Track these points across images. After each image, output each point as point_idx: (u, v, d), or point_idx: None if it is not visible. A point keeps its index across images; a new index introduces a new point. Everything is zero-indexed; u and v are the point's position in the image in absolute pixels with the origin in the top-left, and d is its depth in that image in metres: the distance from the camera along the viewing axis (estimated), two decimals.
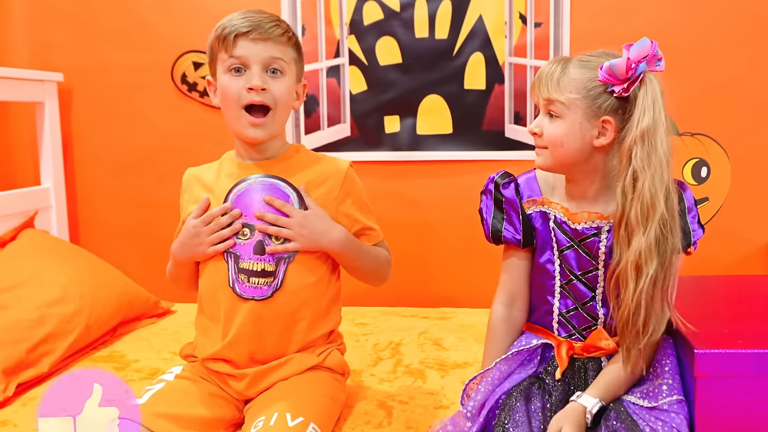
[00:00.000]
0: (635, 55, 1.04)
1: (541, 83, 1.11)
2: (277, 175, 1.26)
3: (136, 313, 1.92)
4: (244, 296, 1.23)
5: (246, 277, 1.23)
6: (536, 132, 1.13)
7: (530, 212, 1.20)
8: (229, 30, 1.19)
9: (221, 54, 1.22)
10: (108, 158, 2.29)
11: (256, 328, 1.24)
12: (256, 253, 1.23)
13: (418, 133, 2.13)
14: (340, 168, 1.31)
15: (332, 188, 1.29)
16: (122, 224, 2.30)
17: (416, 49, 2.09)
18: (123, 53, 2.22)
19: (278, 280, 1.24)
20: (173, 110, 2.22)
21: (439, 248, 2.17)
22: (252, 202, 1.24)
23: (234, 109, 1.22)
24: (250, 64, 1.20)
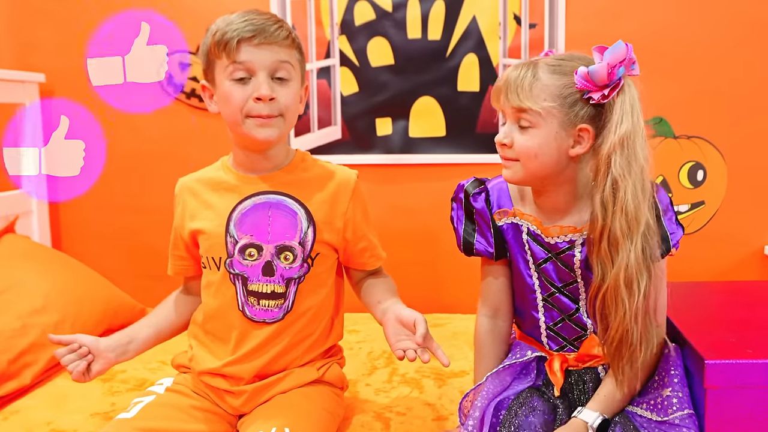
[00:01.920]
0: (612, 59, 0.99)
1: (509, 90, 1.04)
2: (284, 191, 1.23)
3: (122, 321, 1.89)
4: (256, 319, 1.23)
5: (256, 299, 1.22)
6: (506, 143, 1.07)
7: (501, 224, 1.17)
8: (230, 35, 1.13)
9: (221, 60, 1.16)
10: None
11: (266, 349, 1.24)
12: (265, 274, 1.21)
13: (410, 136, 2.13)
14: (349, 181, 1.28)
15: (340, 202, 1.26)
16: (106, 229, 2.27)
17: (409, 50, 2.09)
18: None
19: (289, 301, 1.23)
20: (159, 112, 2.20)
21: (431, 253, 2.18)
22: (258, 222, 1.21)
23: (238, 116, 1.17)
24: (255, 71, 1.15)
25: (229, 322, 1.24)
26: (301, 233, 1.22)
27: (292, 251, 1.21)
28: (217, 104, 1.21)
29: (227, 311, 1.24)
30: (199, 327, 1.30)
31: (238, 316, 1.23)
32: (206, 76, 1.22)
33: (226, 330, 1.25)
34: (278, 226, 1.21)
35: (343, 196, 1.26)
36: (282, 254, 1.21)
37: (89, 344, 1.20)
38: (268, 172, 1.25)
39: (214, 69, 1.18)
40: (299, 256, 1.22)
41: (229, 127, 1.21)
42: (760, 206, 2.09)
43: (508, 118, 1.07)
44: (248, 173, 1.25)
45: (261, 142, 1.18)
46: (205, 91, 1.24)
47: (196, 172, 1.33)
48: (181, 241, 1.30)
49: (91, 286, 1.87)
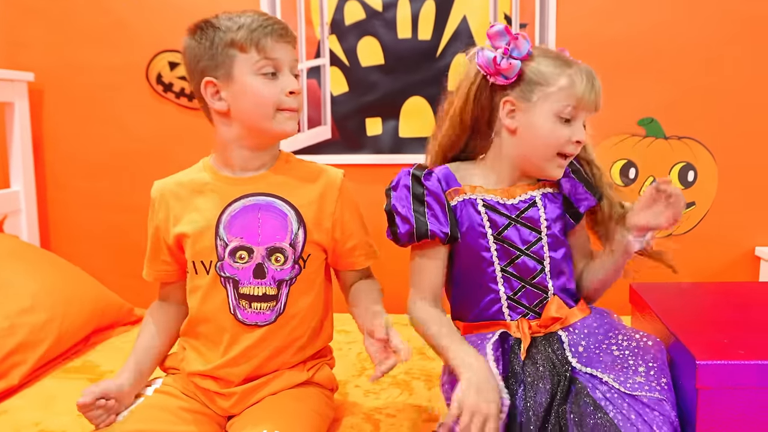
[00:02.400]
0: None
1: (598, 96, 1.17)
2: (273, 193, 1.25)
3: (110, 321, 1.93)
4: (248, 323, 1.24)
5: (247, 302, 1.23)
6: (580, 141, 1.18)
7: (455, 203, 1.21)
8: (262, 31, 1.18)
9: (247, 54, 1.18)
10: (80, 160, 2.29)
11: (256, 352, 1.25)
12: (256, 276, 1.23)
13: (400, 136, 2.16)
14: (336, 180, 1.30)
15: (328, 202, 1.28)
16: (95, 229, 2.30)
17: (399, 50, 2.12)
18: (96, 52, 2.23)
19: (281, 303, 1.24)
20: (148, 111, 2.23)
21: None
22: (248, 224, 1.23)
23: (269, 109, 1.20)
24: (282, 67, 1.20)
25: (220, 326, 1.25)
26: (292, 234, 1.23)
27: (283, 253, 1.23)
28: (232, 100, 1.20)
29: (218, 315, 1.24)
30: (188, 330, 1.31)
31: (230, 320, 1.24)
32: (213, 73, 1.20)
33: (217, 333, 1.25)
34: (268, 227, 1.22)
35: (330, 196, 1.28)
36: (273, 256, 1.22)
37: (115, 394, 1.19)
38: (255, 172, 1.26)
39: (232, 65, 1.19)
40: (290, 257, 1.23)
41: (249, 122, 1.21)
42: (751, 207, 2.12)
43: (582, 119, 1.18)
44: (235, 174, 1.26)
45: (289, 133, 1.24)
46: (209, 87, 1.21)
47: (174, 175, 1.33)
48: (164, 245, 1.30)
49: (79, 285, 1.88)
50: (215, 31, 1.19)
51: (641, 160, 2.11)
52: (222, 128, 1.24)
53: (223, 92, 1.20)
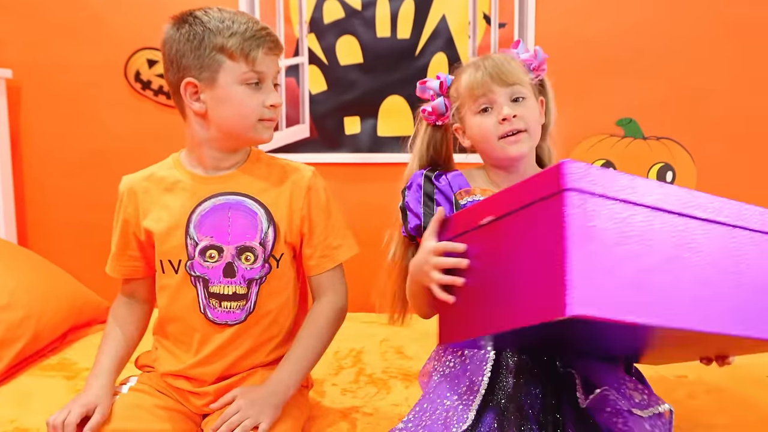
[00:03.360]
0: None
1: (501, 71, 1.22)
2: (243, 192, 1.28)
3: (87, 319, 1.99)
4: (218, 322, 1.27)
5: (217, 301, 1.27)
6: (516, 114, 1.22)
7: (464, 202, 1.26)
8: (254, 43, 1.20)
9: (235, 64, 1.20)
10: (58, 158, 2.34)
11: (228, 351, 1.28)
12: (226, 275, 1.26)
13: (378, 135, 2.21)
14: (304, 178, 1.33)
15: (296, 200, 1.31)
16: (73, 226, 2.35)
17: (378, 49, 2.17)
18: (75, 49, 2.27)
19: (251, 302, 1.28)
20: (126, 109, 2.28)
21: None
22: (218, 223, 1.26)
23: (250, 120, 1.23)
24: (266, 79, 1.24)
25: (190, 325, 1.29)
26: (262, 233, 1.27)
27: (253, 252, 1.26)
28: (211, 103, 1.22)
29: (188, 314, 1.28)
30: (158, 329, 1.35)
31: (200, 319, 1.28)
32: (197, 74, 1.21)
33: (187, 333, 1.30)
34: (238, 226, 1.26)
35: (298, 192, 1.31)
36: (243, 255, 1.26)
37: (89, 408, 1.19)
38: (226, 171, 1.30)
39: (218, 70, 1.20)
40: (260, 256, 1.27)
41: (228, 128, 1.24)
42: None
43: (499, 98, 1.23)
44: (207, 172, 1.30)
45: (265, 141, 1.28)
46: (188, 88, 1.22)
47: (143, 170, 1.35)
48: (134, 240, 1.33)
49: (56, 283, 1.95)
50: (205, 31, 1.19)
51: (620, 161, 2.17)
52: (196, 128, 1.26)
53: (203, 94, 1.22)
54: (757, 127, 2.13)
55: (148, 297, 1.39)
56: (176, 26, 1.22)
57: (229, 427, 1.15)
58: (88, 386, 1.24)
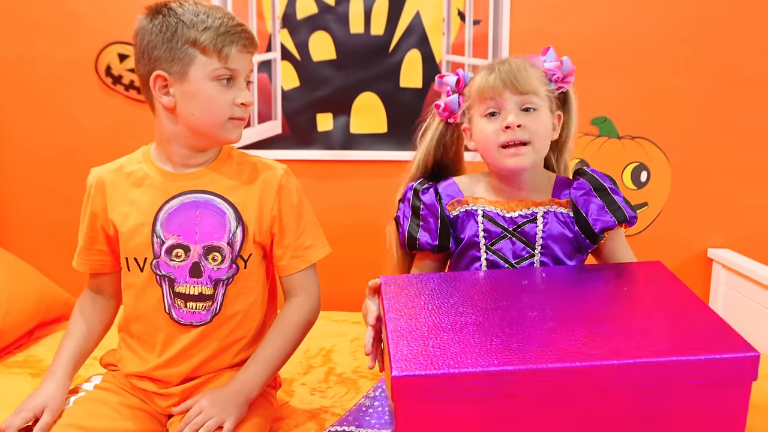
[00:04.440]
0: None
1: (516, 77, 1.20)
2: (212, 190, 1.29)
3: (55, 315, 2.02)
4: (183, 322, 1.28)
5: (183, 301, 1.28)
6: (520, 124, 1.21)
7: (456, 213, 1.30)
8: (228, 38, 1.21)
9: (207, 59, 1.20)
10: (30, 154, 2.37)
11: (193, 352, 1.30)
12: (193, 275, 1.27)
13: (351, 132, 2.24)
14: (274, 176, 1.33)
15: (266, 199, 1.31)
16: (44, 223, 2.38)
17: (351, 45, 2.20)
18: (46, 44, 2.30)
19: (217, 303, 1.29)
20: (98, 104, 2.31)
21: (372, 250, 2.25)
22: (185, 222, 1.27)
23: (220, 118, 1.24)
24: (238, 76, 1.24)
25: (154, 325, 1.30)
26: (230, 233, 1.27)
27: (221, 252, 1.27)
28: (181, 98, 1.22)
29: (153, 314, 1.29)
30: (123, 328, 1.36)
31: (165, 319, 1.29)
32: (167, 67, 1.21)
33: (151, 333, 1.30)
34: (206, 225, 1.27)
35: (268, 191, 1.31)
36: (210, 255, 1.27)
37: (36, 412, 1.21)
38: (196, 168, 1.30)
39: (189, 64, 1.20)
40: (227, 256, 1.27)
41: (196, 125, 1.24)
42: (704, 208, 2.22)
43: (508, 105, 1.22)
44: (176, 169, 1.30)
45: (233, 141, 1.29)
46: (158, 81, 1.23)
47: (113, 162, 1.35)
48: (101, 234, 1.34)
49: (24, 279, 1.98)
50: (178, 23, 1.20)
51: (594, 160, 2.20)
52: (165, 122, 1.26)
53: (172, 88, 1.22)
54: (732, 126, 2.18)
55: (115, 293, 1.39)
56: (149, 17, 1.23)
57: (192, 428, 1.17)
58: (41, 385, 1.26)
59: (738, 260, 2.10)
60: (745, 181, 2.20)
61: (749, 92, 2.15)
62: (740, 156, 2.19)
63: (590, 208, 1.26)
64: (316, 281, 1.40)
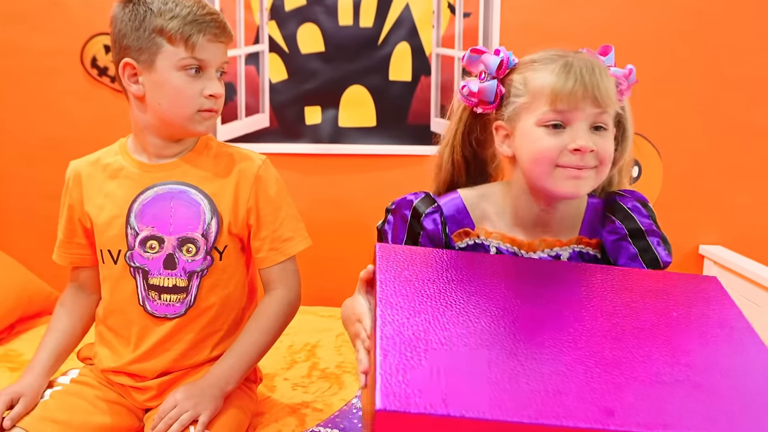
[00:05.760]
0: None
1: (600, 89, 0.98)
2: (187, 181, 1.28)
3: (37, 310, 2.01)
4: (156, 315, 1.28)
5: (157, 294, 1.28)
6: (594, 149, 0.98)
7: (463, 245, 1.09)
8: (194, 27, 1.19)
9: (174, 48, 1.20)
10: (16, 145, 2.37)
11: (168, 345, 1.29)
12: (167, 267, 1.27)
13: (340, 125, 2.24)
14: (251, 166, 1.32)
15: (243, 190, 1.30)
16: (29, 215, 2.37)
17: (340, 38, 2.19)
18: (31, 34, 2.29)
19: (191, 296, 1.28)
20: (83, 96, 2.30)
21: (359, 246, 2.26)
22: (160, 213, 1.26)
23: (187, 110, 1.22)
24: (207, 67, 1.22)
25: (128, 318, 1.29)
26: (204, 224, 1.27)
27: (195, 243, 1.26)
28: (149, 87, 1.22)
29: (126, 306, 1.29)
30: (101, 321, 1.35)
31: (138, 312, 1.28)
32: (136, 55, 1.21)
33: (125, 326, 1.30)
34: (180, 217, 1.26)
35: (244, 183, 1.30)
36: (184, 246, 1.26)
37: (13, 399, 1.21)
38: (171, 159, 1.29)
39: (157, 53, 1.20)
40: (202, 248, 1.27)
41: (164, 116, 1.23)
42: (696, 205, 2.22)
43: (581, 120, 0.99)
44: (151, 160, 1.29)
45: (202, 134, 1.28)
46: (126, 69, 1.23)
47: (90, 155, 1.36)
48: (79, 227, 1.34)
49: (4, 272, 1.98)
50: (147, 12, 1.19)
51: None
52: (136, 112, 1.27)
53: (141, 77, 1.23)
54: (725, 123, 2.18)
55: (97, 288, 1.38)
56: (122, 5, 1.23)
57: (167, 422, 1.17)
58: (21, 378, 1.27)
59: (729, 257, 2.10)
60: (737, 178, 2.20)
61: (743, 89, 2.15)
62: (733, 153, 2.19)
63: (621, 254, 1.06)
64: (295, 274, 1.38)
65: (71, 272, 1.41)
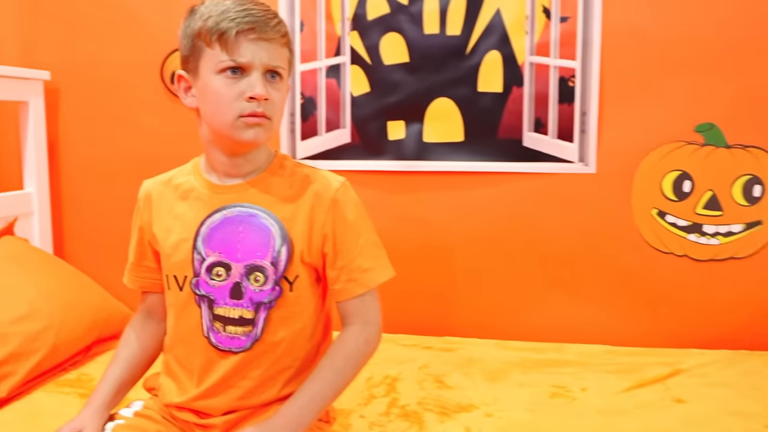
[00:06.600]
0: None
1: None
2: (257, 204, 1.21)
3: (113, 332, 1.99)
4: (221, 348, 1.21)
5: (222, 325, 1.21)
6: None
7: None
8: (226, 24, 1.11)
9: (212, 50, 1.13)
10: (95, 162, 2.37)
11: (233, 382, 1.22)
12: (233, 297, 1.20)
13: (425, 141, 2.14)
14: (328, 189, 1.23)
15: (318, 215, 1.21)
16: (108, 233, 2.37)
17: (425, 47, 2.09)
18: (112, 50, 2.29)
19: (258, 329, 1.20)
20: (163, 112, 2.28)
21: (445, 269, 2.18)
22: (228, 238, 1.20)
23: (228, 116, 1.14)
24: (250, 68, 1.14)
25: (193, 349, 1.24)
26: (274, 252, 1.19)
27: (263, 272, 1.19)
28: (200, 98, 1.18)
29: (191, 337, 1.23)
30: (167, 350, 1.30)
31: (203, 343, 1.22)
32: (185, 65, 1.19)
33: (189, 357, 1.25)
34: (249, 243, 1.19)
35: (320, 207, 1.21)
36: (252, 275, 1.19)
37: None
38: (242, 179, 1.23)
39: (199, 58, 1.15)
40: (270, 277, 1.19)
41: (212, 126, 1.18)
42: None
43: None
44: (222, 180, 1.23)
45: (247, 143, 1.17)
46: (180, 82, 1.20)
47: (164, 174, 1.32)
48: (149, 249, 1.29)
49: (82, 292, 1.96)
50: (191, 17, 1.17)
51: (698, 172, 2.00)
52: (200, 128, 1.22)
53: (193, 88, 1.19)
54: None
55: (166, 314, 1.32)
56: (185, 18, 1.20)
57: None
58: (81, 411, 1.23)
59: None
60: None
61: None
62: None
63: None
64: (376, 308, 1.26)
65: (141, 296, 1.37)
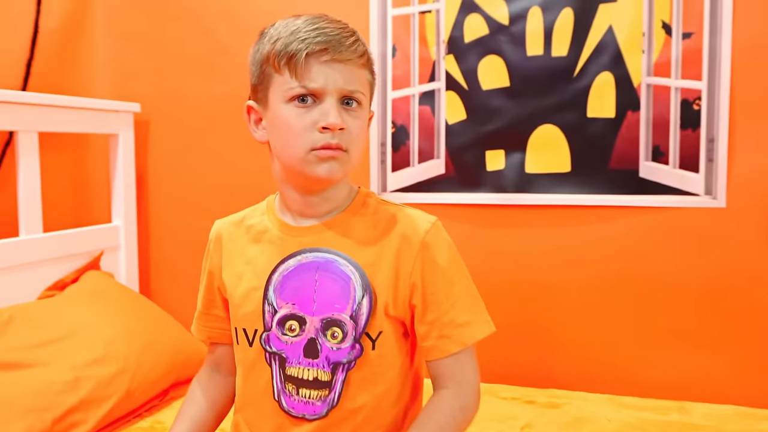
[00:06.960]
0: None
1: None
2: (336, 249, 1.07)
3: (192, 374, 1.87)
4: (294, 414, 1.07)
5: (294, 387, 1.07)
6: None
7: None
8: (296, 47, 0.99)
9: (281, 76, 1.01)
10: (183, 196, 2.34)
11: None
12: (307, 355, 1.06)
13: (527, 172, 2.00)
14: (416, 232, 1.08)
15: (405, 260, 1.07)
16: (193, 269, 2.27)
17: (528, 70, 1.96)
18: (202, 82, 2.27)
19: (335, 393, 1.06)
20: (253, 144, 2.16)
21: (549, 313, 2.00)
22: (302, 287, 1.07)
23: (298, 150, 1.01)
24: (323, 94, 1.01)
25: (262, 413, 1.11)
26: (354, 303, 1.04)
27: (342, 327, 1.05)
28: (268, 131, 1.07)
29: (260, 399, 1.10)
30: (237, 410, 1.18)
31: (273, 407, 1.08)
32: (255, 95, 1.08)
33: (258, 422, 1.12)
34: (326, 293, 1.05)
35: (407, 251, 1.06)
36: (329, 331, 1.05)
37: None
38: (319, 220, 1.09)
39: (268, 86, 1.04)
40: (350, 334, 1.05)
41: (282, 161, 1.06)
42: None
43: None
44: (296, 221, 1.10)
45: (321, 180, 1.04)
46: (250, 113, 1.10)
47: (236, 213, 1.20)
48: (219, 296, 1.18)
49: (161, 332, 1.89)
50: (260, 41, 1.06)
51: None
52: (272, 163, 1.11)
53: (264, 120, 1.08)
54: None
55: (234, 368, 1.19)
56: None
57: None
58: None
59: None
60: None
61: None
62: None
63: None
64: (473, 369, 1.09)
65: (209, 347, 1.24)
